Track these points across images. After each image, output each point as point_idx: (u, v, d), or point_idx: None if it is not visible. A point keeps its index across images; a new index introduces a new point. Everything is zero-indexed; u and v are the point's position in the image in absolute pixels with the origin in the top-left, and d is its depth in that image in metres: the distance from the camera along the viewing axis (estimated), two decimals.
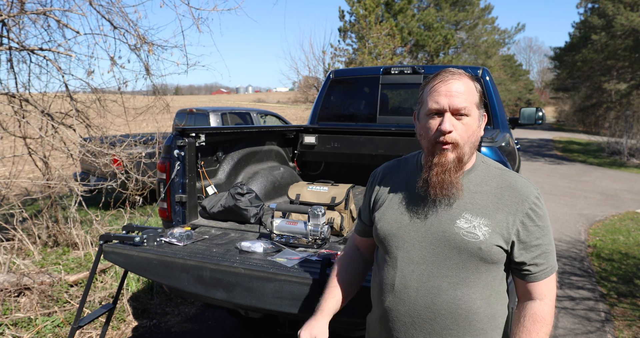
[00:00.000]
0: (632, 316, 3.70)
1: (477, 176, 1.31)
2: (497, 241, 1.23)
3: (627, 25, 20.56)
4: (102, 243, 2.33)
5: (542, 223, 1.26)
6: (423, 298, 1.25)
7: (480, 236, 1.22)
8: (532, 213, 1.25)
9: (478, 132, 1.29)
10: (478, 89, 1.29)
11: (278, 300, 1.93)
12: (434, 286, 1.25)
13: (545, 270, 1.27)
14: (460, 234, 1.23)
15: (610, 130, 18.12)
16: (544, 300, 1.28)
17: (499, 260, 1.26)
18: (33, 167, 5.21)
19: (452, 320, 1.24)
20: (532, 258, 1.26)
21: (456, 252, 1.24)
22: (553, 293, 1.29)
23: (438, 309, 1.24)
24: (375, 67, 4.53)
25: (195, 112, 8.92)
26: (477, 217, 1.24)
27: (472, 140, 1.26)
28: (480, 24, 31.42)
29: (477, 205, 1.26)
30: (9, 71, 4.74)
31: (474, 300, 1.24)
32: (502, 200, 1.26)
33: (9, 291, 3.46)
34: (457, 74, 1.27)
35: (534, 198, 1.27)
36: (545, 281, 1.28)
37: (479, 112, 1.28)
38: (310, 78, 20.43)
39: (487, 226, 1.23)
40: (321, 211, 2.37)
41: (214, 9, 4.80)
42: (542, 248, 1.26)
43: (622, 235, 6.05)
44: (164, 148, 2.78)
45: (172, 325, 3.46)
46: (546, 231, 1.27)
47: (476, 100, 1.27)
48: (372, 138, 3.94)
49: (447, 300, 1.24)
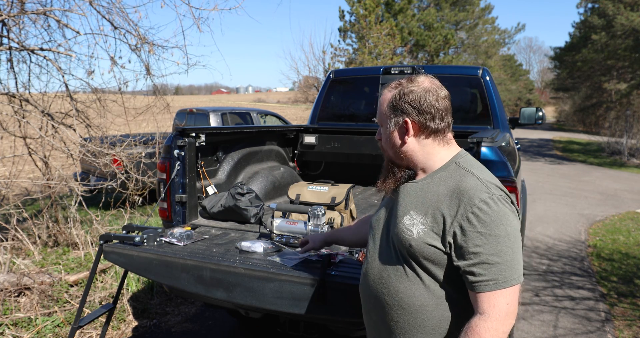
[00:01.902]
0: (632, 316, 3.70)
1: (441, 176, 1.31)
2: (432, 241, 1.23)
3: (627, 25, 20.54)
4: (102, 243, 2.33)
5: (485, 229, 1.17)
6: (376, 287, 1.35)
7: (414, 234, 1.25)
8: (473, 218, 1.18)
9: (394, 138, 1.36)
10: (395, 99, 1.34)
11: (278, 300, 1.93)
12: (384, 277, 1.33)
13: (486, 282, 1.16)
14: (402, 230, 1.28)
15: (611, 130, 18.10)
16: (483, 315, 1.17)
17: (436, 260, 1.23)
18: (33, 167, 5.21)
19: (397, 312, 1.30)
20: (467, 265, 1.19)
21: (399, 246, 1.30)
22: (497, 310, 1.16)
23: (385, 299, 1.32)
24: (376, 67, 4.53)
25: (195, 112, 8.92)
26: (419, 215, 1.27)
27: (390, 146, 1.38)
28: (481, 23, 31.41)
29: (424, 204, 1.28)
30: (9, 71, 4.75)
31: (416, 297, 1.26)
32: (446, 201, 1.24)
33: (9, 291, 3.46)
34: (385, 89, 1.39)
35: (479, 201, 1.19)
36: (487, 295, 1.16)
37: (392, 121, 1.35)
38: (310, 78, 20.46)
39: (425, 225, 1.25)
40: (321, 211, 2.37)
41: (215, 9, 4.80)
42: (482, 257, 1.16)
43: (622, 235, 6.05)
44: (164, 147, 2.78)
45: (172, 325, 3.46)
46: (490, 240, 1.16)
47: (387, 111, 1.36)
48: (372, 138, 3.93)
49: (392, 291, 1.30)
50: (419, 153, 1.35)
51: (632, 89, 24.21)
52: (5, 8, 4.43)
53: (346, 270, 1.99)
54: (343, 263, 2.09)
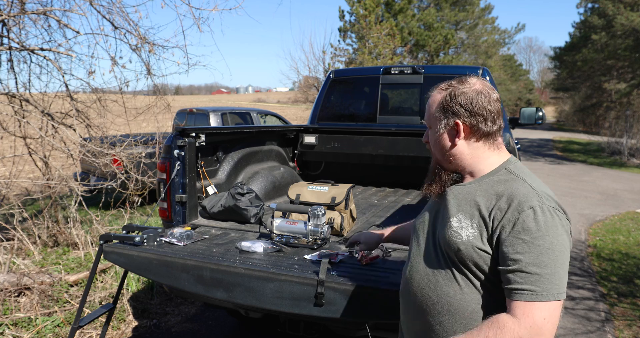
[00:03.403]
0: (632, 316, 3.70)
1: (490, 181, 1.29)
2: (480, 245, 1.21)
3: (627, 25, 20.55)
4: (102, 243, 2.33)
5: (528, 237, 1.14)
6: (422, 291, 1.31)
7: (463, 237, 1.23)
8: (519, 223, 1.16)
9: (443, 141, 1.34)
10: (445, 100, 1.32)
11: (278, 300, 1.93)
12: (432, 281, 1.29)
13: (521, 291, 1.13)
14: (449, 233, 1.26)
15: (611, 130, 18.08)
16: (515, 318, 1.12)
17: (484, 264, 1.21)
18: (33, 167, 5.21)
19: (446, 317, 1.25)
20: (505, 271, 1.16)
21: (447, 250, 1.26)
22: (530, 322, 1.11)
23: (434, 303, 1.28)
24: (376, 67, 4.54)
25: (195, 112, 8.91)
26: (467, 218, 1.25)
27: (439, 149, 1.36)
28: (481, 23, 31.41)
29: (472, 208, 1.26)
30: (9, 71, 4.75)
31: (467, 302, 1.23)
32: (497, 206, 1.22)
33: (9, 291, 3.46)
34: (433, 91, 1.38)
35: (528, 208, 1.16)
36: (522, 304, 1.12)
37: (441, 123, 1.33)
38: (310, 78, 20.45)
39: (473, 229, 1.22)
40: (321, 211, 2.37)
41: (215, 9, 4.80)
42: (521, 264, 1.13)
43: (622, 235, 6.05)
44: (164, 147, 2.78)
45: (172, 325, 3.46)
46: (532, 249, 1.13)
47: (436, 113, 1.34)
48: (372, 137, 3.94)
49: (441, 295, 1.26)
50: (468, 156, 1.32)
51: (632, 89, 24.22)
52: (6, 8, 4.43)
53: (346, 270, 2.00)
54: (343, 263, 2.10)
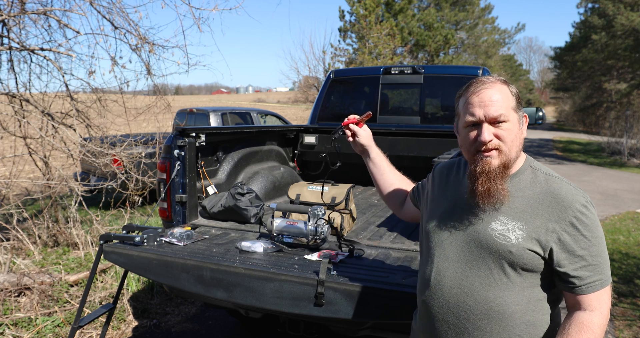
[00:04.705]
0: (632, 316, 3.70)
1: (522, 180, 1.28)
2: (532, 247, 1.21)
3: (627, 25, 20.54)
4: (102, 243, 2.33)
5: (588, 232, 1.20)
6: (455, 296, 1.27)
7: (512, 239, 1.21)
8: (577, 222, 1.20)
9: (520, 135, 1.29)
10: (513, 92, 1.29)
11: (278, 300, 1.93)
12: (467, 286, 1.26)
13: (593, 283, 1.20)
14: (493, 236, 1.23)
15: (611, 130, 18.09)
16: (593, 311, 1.21)
17: (535, 265, 1.22)
18: (33, 167, 5.21)
19: (485, 321, 1.24)
20: (575, 269, 1.20)
21: (488, 253, 1.24)
22: (605, 307, 1.21)
23: (470, 308, 1.25)
24: (376, 67, 4.54)
25: (195, 112, 8.92)
26: (512, 221, 1.23)
27: (516, 144, 1.27)
28: (481, 23, 31.43)
29: (515, 209, 1.25)
30: (10, 71, 4.75)
31: (507, 304, 1.23)
32: (543, 206, 1.23)
33: (9, 291, 3.46)
34: (489, 82, 1.27)
35: (580, 206, 1.21)
36: (596, 294, 1.21)
37: (517, 115, 1.28)
38: (310, 78, 20.48)
39: (522, 231, 1.22)
40: (321, 211, 2.37)
41: (215, 9, 4.80)
42: (588, 259, 1.20)
43: (622, 235, 6.04)
44: (164, 147, 2.78)
45: (172, 325, 3.46)
46: (594, 242, 1.20)
47: (512, 104, 1.27)
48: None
49: (479, 300, 1.24)
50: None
51: (632, 89, 24.22)
52: (6, 8, 4.43)
53: (346, 270, 2.00)
54: (343, 263, 2.10)
